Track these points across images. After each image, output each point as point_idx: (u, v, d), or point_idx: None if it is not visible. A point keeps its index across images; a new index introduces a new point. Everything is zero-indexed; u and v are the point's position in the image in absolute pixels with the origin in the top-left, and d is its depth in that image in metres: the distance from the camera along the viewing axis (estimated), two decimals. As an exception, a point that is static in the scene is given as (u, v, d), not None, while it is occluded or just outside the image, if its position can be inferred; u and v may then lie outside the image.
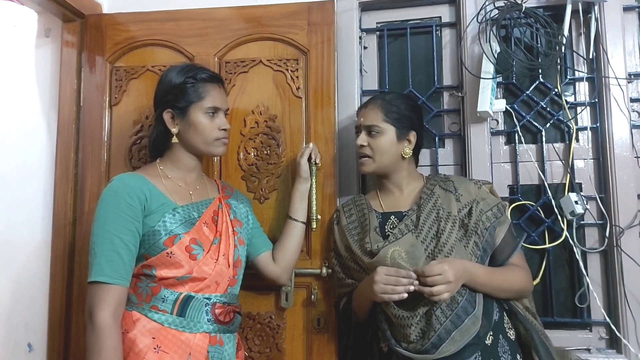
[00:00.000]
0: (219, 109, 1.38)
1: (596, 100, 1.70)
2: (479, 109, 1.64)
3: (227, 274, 1.32)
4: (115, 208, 1.21)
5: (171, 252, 1.22)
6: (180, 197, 1.32)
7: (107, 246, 1.18)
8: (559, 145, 1.72)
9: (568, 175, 1.67)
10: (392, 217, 1.43)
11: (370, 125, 1.42)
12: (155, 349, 1.18)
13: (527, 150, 1.72)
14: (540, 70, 1.73)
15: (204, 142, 1.36)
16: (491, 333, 1.29)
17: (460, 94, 1.78)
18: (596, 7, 1.67)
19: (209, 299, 1.27)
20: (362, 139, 1.43)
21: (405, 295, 1.23)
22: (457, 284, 1.23)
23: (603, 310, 1.60)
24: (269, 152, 1.66)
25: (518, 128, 1.71)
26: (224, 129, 1.38)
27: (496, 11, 1.69)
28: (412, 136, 1.45)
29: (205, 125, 1.35)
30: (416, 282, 1.23)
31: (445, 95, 1.83)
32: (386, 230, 1.41)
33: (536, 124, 1.73)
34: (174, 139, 1.36)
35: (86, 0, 1.80)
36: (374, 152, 1.42)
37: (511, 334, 1.34)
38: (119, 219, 1.20)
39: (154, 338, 1.19)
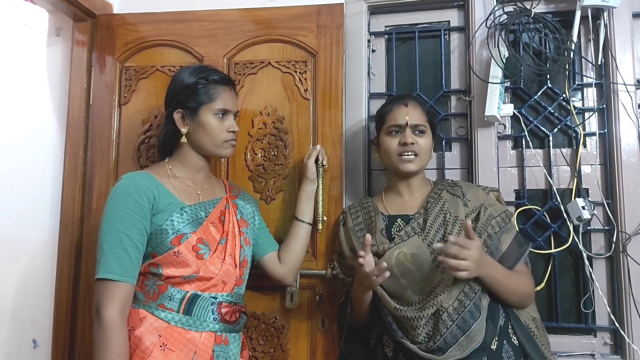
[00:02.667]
0: (229, 111, 1.38)
1: (604, 106, 1.70)
2: (486, 113, 1.64)
3: (234, 274, 1.32)
4: (123, 206, 1.22)
5: (178, 251, 1.23)
6: (188, 197, 1.33)
7: (115, 244, 1.19)
8: (566, 151, 1.71)
9: (575, 181, 1.67)
10: (399, 219, 1.43)
11: (418, 124, 1.41)
12: (161, 346, 1.19)
13: (534, 155, 1.71)
14: (548, 76, 1.73)
15: (212, 143, 1.36)
16: (496, 339, 1.29)
17: (467, 98, 1.78)
18: (605, 13, 1.67)
19: (215, 298, 1.28)
20: (411, 136, 1.40)
21: (388, 273, 1.20)
22: (476, 268, 1.19)
23: (612, 316, 1.59)
24: (276, 153, 1.67)
25: (525, 133, 1.70)
26: (233, 131, 1.39)
27: (505, 16, 1.70)
28: (435, 139, 1.50)
29: (215, 126, 1.35)
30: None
31: (453, 99, 1.83)
32: (392, 233, 1.41)
33: (544, 129, 1.73)
34: (183, 139, 1.36)
35: (97, 0, 1.81)
36: (421, 150, 1.41)
37: (514, 340, 1.33)
38: (127, 217, 1.21)
39: (160, 336, 1.20)
